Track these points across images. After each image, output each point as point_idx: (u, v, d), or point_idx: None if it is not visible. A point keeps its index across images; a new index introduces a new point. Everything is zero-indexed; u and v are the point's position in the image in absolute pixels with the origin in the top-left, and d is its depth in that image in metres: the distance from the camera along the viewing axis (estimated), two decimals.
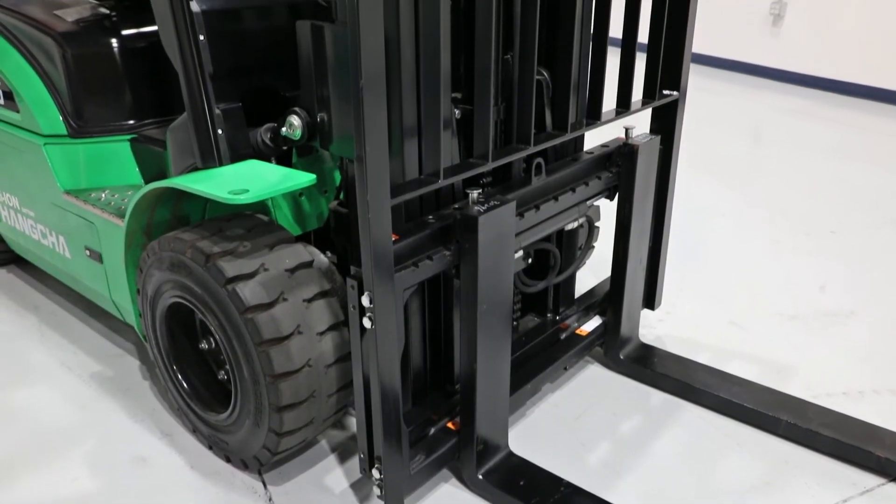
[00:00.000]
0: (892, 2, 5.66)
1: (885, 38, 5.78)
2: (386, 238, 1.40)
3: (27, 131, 2.28)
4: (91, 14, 2.27)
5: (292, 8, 1.96)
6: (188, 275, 1.70)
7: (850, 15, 5.97)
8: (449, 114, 1.60)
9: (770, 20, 6.67)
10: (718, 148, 4.82)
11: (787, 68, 6.61)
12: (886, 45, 5.78)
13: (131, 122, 2.21)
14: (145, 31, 2.21)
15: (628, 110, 2.02)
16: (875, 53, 5.87)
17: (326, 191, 2.10)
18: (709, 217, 3.63)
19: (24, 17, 2.27)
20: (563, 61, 1.84)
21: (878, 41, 5.83)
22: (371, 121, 1.30)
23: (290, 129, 1.72)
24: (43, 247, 2.46)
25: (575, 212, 2.02)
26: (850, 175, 4.29)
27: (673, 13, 2.07)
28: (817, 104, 5.95)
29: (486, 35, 1.55)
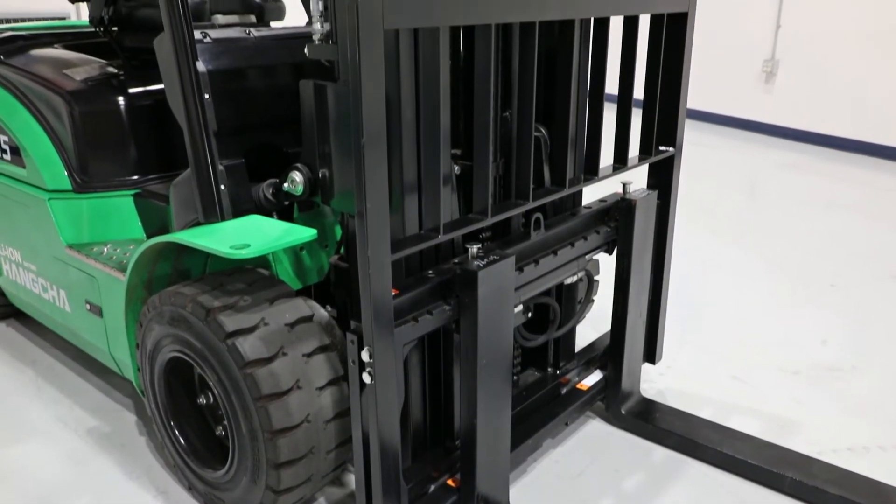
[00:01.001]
0: (882, 59, 5.80)
1: (875, 94, 5.90)
2: (386, 293, 1.41)
3: (33, 186, 2.30)
4: (99, 73, 2.33)
5: (295, 67, 2.01)
6: (188, 329, 1.70)
7: (840, 72, 6.10)
8: (449, 170, 1.63)
9: (763, 77, 6.81)
10: (715, 202, 4.87)
11: (781, 123, 6.73)
12: (877, 101, 5.89)
13: (135, 177, 2.24)
14: (151, 89, 2.26)
15: (625, 166, 2.05)
16: (866, 109, 5.98)
17: (327, 245, 2.11)
18: (708, 271, 3.64)
19: (35, 76, 2.32)
20: (560, 118, 1.88)
21: (868, 97, 5.95)
22: (372, 177, 1.32)
23: (292, 185, 1.74)
24: (43, 300, 2.46)
25: (574, 266, 2.03)
26: (846, 229, 4.32)
27: (667, 71, 2.12)
28: (811, 158, 6.04)
29: (485, 93, 1.58)
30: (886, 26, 5.72)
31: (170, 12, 1.71)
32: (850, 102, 6.08)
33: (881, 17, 5.75)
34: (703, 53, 6.75)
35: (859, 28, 5.90)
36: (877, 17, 5.78)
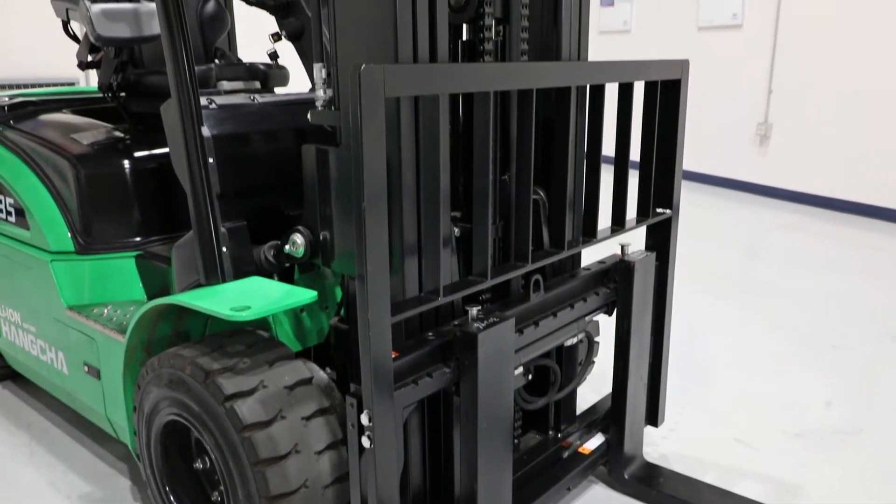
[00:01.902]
0: (875, 122, 5.91)
1: (869, 155, 5.99)
2: (386, 355, 1.40)
3: (35, 248, 2.32)
4: (106, 137, 2.37)
5: (298, 132, 2.06)
6: (186, 392, 1.69)
7: (834, 134, 6.22)
8: (448, 232, 1.64)
9: (757, 140, 6.93)
10: (714, 262, 4.89)
11: (776, 185, 6.82)
12: (871, 163, 5.98)
13: (138, 238, 2.26)
14: (156, 152, 2.30)
15: (623, 228, 2.08)
16: (860, 171, 6.06)
17: (327, 307, 2.12)
18: (708, 332, 3.63)
19: (42, 140, 2.37)
20: (558, 181, 1.91)
21: (862, 159, 6.04)
22: (373, 240, 1.33)
23: (294, 247, 1.76)
24: (41, 362, 2.45)
25: (574, 327, 2.03)
26: (845, 289, 4.32)
27: (662, 135, 2.16)
28: (807, 219, 6.09)
29: (485, 158, 1.61)
30: (878, 89, 5.85)
31: (177, 80, 1.76)
32: (845, 164, 6.17)
33: (872, 81, 5.89)
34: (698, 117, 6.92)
35: (851, 92, 6.04)
36: (868, 81, 5.92)
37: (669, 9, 7.70)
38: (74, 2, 2.08)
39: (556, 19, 1.91)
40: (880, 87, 5.82)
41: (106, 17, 2.05)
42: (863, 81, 5.94)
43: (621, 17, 8.41)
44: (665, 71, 2.06)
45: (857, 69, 5.96)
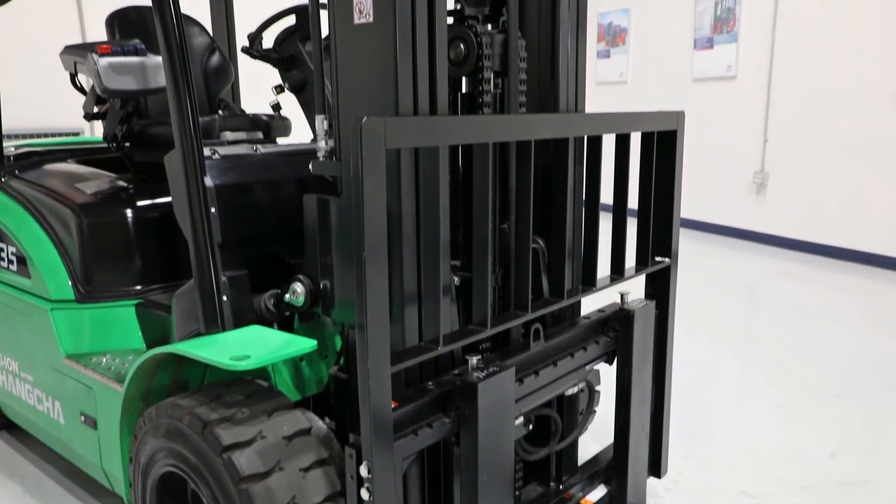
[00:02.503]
0: (870, 169, 5.97)
1: (865, 203, 6.03)
2: (385, 405, 1.40)
3: (36, 297, 2.33)
4: (109, 186, 2.40)
5: (300, 182, 2.08)
6: (184, 442, 1.67)
7: (830, 183, 6.27)
8: (448, 281, 1.65)
9: (754, 188, 6.99)
10: (714, 311, 4.88)
11: (774, 233, 6.85)
12: (867, 210, 6.02)
13: (138, 287, 2.27)
14: (159, 202, 2.32)
15: (622, 277, 2.08)
16: (857, 218, 6.10)
17: (327, 356, 2.11)
18: (710, 381, 3.61)
19: (46, 189, 2.40)
20: (557, 230, 1.92)
21: (858, 207, 6.08)
22: (373, 289, 1.34)
23: (294, 296, 1.76)
24: (37, 412, 2.43)
25: (574, 377, 2.02)
26: (847, 338, 4.31)
27: (659, 184, 2.19)
28: (806, 267, 6.10)
29: (484, 207, 1.63)
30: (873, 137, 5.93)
31: (181, 131, 1.79)
32: (842, 212, 6.21)
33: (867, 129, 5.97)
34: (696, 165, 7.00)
35: (846, 140, 6.12)
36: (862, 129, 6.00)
37: (664, 60, 7.85)
38: (83, 55, 2.12)
39: (554, 72, 1.95)
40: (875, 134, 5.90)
41: (113, 70, 2.10)
42: (857, 129, 6.02)
43: (618, 69, 8.57)
44: (661, 122, 2.10)
45: (850, 118, 6.05)
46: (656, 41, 7.97)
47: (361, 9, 1.54)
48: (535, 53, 1.97)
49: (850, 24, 5.95)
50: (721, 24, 7.12)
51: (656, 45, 7.97)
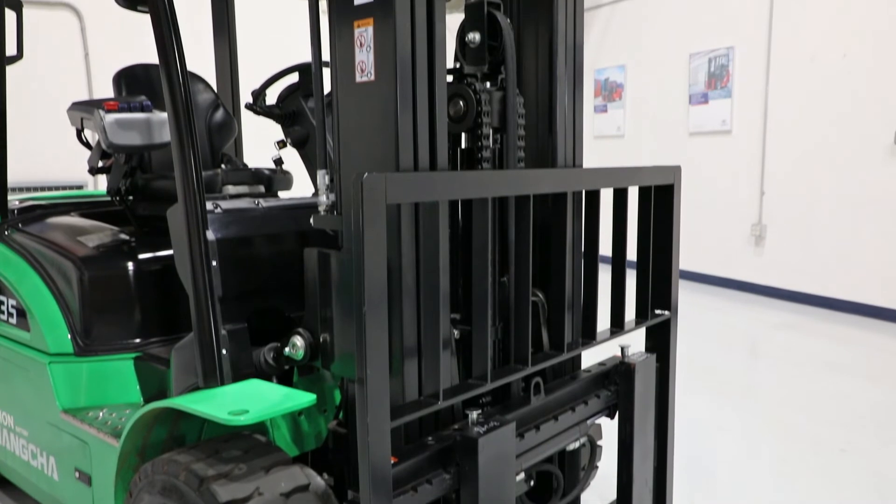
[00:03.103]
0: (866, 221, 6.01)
1: (864, 255, 6.06)
2: (385, 461, 1.38)
3: (34, 350, 2.32)
4: (111, 239, 2.41)
5: (301, 235, 2.10)
6: (180, 499, 1.64)
7: (828, 234, 6.31)
8: (448, 335, 1.65)
9: (752, 240, 7.03)
10: (715, 363, 4.85)
11: (774, 284, 6.85)
12: (866, 262, 6.04)
13: (137, 340, 2.26)
14: (160, 255, 2.33)
15: (622, 330, 2.08)
16: (856, 270, 6.12)
17: (326, 410, 2.09)
18: (713, 435, 3.57)
19: (48, 242, 2.41)
20: (556, 283, 1.93)
21: (857, 258, 6.10)
22: (372, 343, 1.34)
23: (293, 350, 1.76)
24: (31, 468, 2.39)
25: (576, 431, 2.00)
26: (850, 391, 4.27)
27: (657, 237, 2.20)
28: (806, 319, 6.08)
29: (483, 261, 1.64)
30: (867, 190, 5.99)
31: (185, 185, 1.81)
32: (839, 264, 6.23)
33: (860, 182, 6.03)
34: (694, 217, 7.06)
35: (841, 193, 6.18)
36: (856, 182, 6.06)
37: (660, 115, 7.98)
38: (90, 112, 2.16)
39: (551, 127, 1.99)
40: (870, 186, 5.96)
41: (119, 126, 2.13)
42: (852, 181, 6.09)
43: (615, 123, 8.71)
44: (658, 176, 2.13)
45: (845, 170, 6.13)
46: (652, 96, 8.12)
47: (363, 68, 1.58)
48: (533, 109, 2.02)
49: (842, 78, 6.07)
50: (715, 80, 7.27)
51: (652, 100, 8.12)
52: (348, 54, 1.61)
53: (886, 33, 5.71)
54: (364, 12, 1.58)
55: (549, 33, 1.98)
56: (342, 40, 1.62)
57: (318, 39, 1.73)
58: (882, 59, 5.77)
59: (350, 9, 1.60)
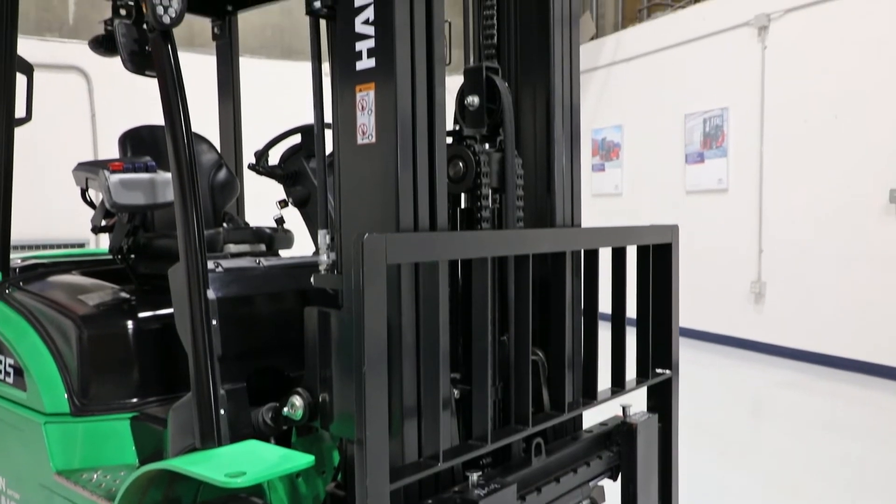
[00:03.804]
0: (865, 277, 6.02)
1: (862, 311, 6.05)
2: None
3: (30, 410, 2.29)
4: (111, 298, 2.42)
5: (301, 294, 2.11)
6: None
7: (827, 292, 6.31)
8: (448, 394, 1.64)
9: (752, 297, 7.03)
10: (718, 423, 4.79)
11: (774, 342, 6.82)
12: (867, 319, 6.03)
13: (135, 400, 2.24)
14: (160, 313, 2.33)
15: (623, 389, 2.07)
16: (857, 328, 6.10)
17: (324, 471, 2.06)
18: (718, 496, 3.50)
19: (48, 301, 2.41)
20: (556, 342, 1.93)
21: (857, 316, 6.09)
22: (372, 403, 1.33)
23: (292, 410, 1.75)
24: None
25: (578, 493, 1.96)
26: (856, 451, 4.21)
27: (656, 296, 2.21)
28: (808, 377, 6.04)
29: (483, 320, 1.65)
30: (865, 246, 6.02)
31: (187, 244, 1.83)
32: (839, 321, 6.22)
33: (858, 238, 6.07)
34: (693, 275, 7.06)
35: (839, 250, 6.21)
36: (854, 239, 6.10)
37: (657, 174, 8.09)
38: (95, 172, 2.20)
39: (550, 187, 2.02)
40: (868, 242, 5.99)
41: (123, 186, 2.16)
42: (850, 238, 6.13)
43: (612, 182, 8.81)
44: (655, 235, 2.15)
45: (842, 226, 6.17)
46: (649, 155, 8.24)
47: (364, 130, 1.62)
48: (531, 170, 2.05)
49: (834, 139, 6.18)
50: (710, 140, 7.39)
51: (649, 159, 8.24)
52: (350, 117, 1.65)
53: (875, 96, 5.84)
54: (365, 77, 1.62)
55: (547, 96, 2.03)
56: (344, 103, 1.66)
57: (320, 102, 1.77)
58: (872, 121, 5.88)
59: (352, 73, 1.64)
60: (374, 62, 1.59)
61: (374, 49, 1.60)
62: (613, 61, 8.69)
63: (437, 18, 1.68)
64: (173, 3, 1.80)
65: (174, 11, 1.80)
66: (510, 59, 2.09)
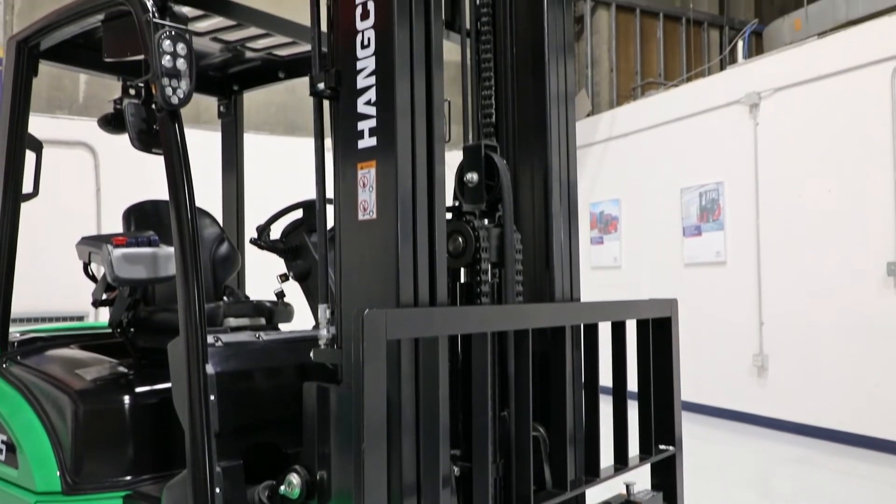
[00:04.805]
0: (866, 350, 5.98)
1: (868, 386, 5.98)
2: None
3: (21, 489, 2.25)
4: (108, 372, 2.40)
5: (300, 369, 2.10)
6: None
7: (829, 365, 6.26)
8: (448, 472, 1.61)
9: (755, 371, 6.96)
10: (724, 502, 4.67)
11: (779, 416, 6.71)
12: (872, 393, 5.95)
13: (128, 478, 2.20)
14: (157, 388, 2.31)
15: (626, 466, 2.03)
16: (862, 402, 6.01)
17: None
18: None
19: (45, 375, 2.40)
20: (557, 417, 1.91)
21: (862, 390, 6.02)
22: (371, 482, 1.31)
23: (289, 488, 1.71)
24: None
25: None
26: None
27: (657, 370, 2.20)
28: (814, 453, 5.91)
29: (483, 396, 1.63)
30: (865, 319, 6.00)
31: (187, 318, 1.83)
32: (842, 395, 6.14)
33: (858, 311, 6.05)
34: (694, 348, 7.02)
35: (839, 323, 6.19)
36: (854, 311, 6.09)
37: (656, 246, 8.14)
38: (98, 246, 2.22)
39: (548, 261, 2.04)
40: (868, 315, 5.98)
41: (125, 261, 2.18)
42: (850, 311, 6.11)
43: (611, 254, 8.86)
44: (654, 309, 2.15)
45: (842, 299, 6.17)
46: (647, 228, 8.31)
47: (365, 207, 1.65)
48: (530, 244, 2.07)
49: (829, 212, 6.25)
50: (707, 213, 7.47)
51: (647, 232, 8.31)
52: (351, 193, 1.68)
53: (868, 171, 5.94)
54: (367, 155, 1.66)
55: (544, 171, 2.07)
56: (346, 180, 1.70)
57: (322, 178, 1.81)
58: (866, 195, 5.96)
59: (354, 151, 1.69)
60: (376, 141, 1.64)
61: (375, 128, 1.64)
62: (610, 136, 8.88)
63: (436, 98, 1.73)
64: (182, 84, 1.86)
65: (183, 92, 1.86)
66: (508, 136, 2.14)
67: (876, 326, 5.93)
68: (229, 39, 2.65)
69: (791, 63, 6.69)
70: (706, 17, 10.46)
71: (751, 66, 7.20)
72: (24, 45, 2.48)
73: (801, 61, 6.59)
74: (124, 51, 2.04)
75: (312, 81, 1.77)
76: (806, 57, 6.56)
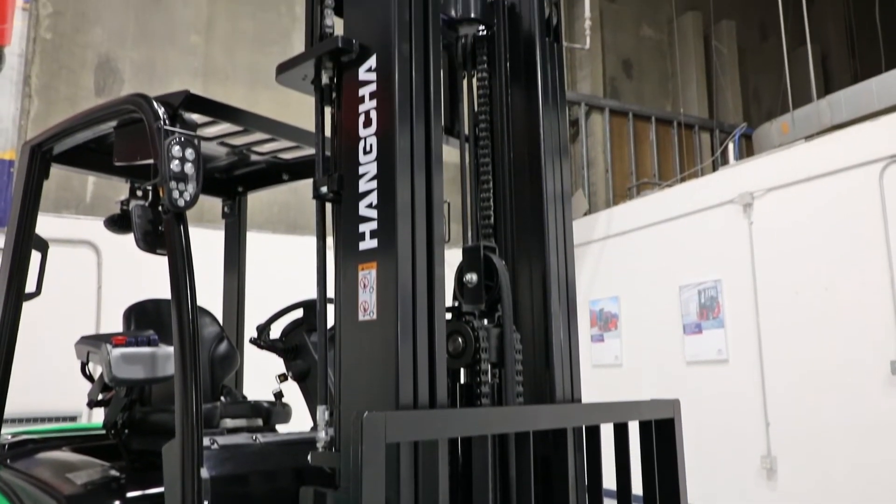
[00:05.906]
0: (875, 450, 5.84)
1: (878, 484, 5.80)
2: None
3: None
4: (100, 476, 2.34)
5: (297, 472, 2.05)
6: None
7: (838, 466, 6.09)
8: None
9: (764, 473, 6.77)
10: None
11: None
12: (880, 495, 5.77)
13: None
14: (150, 492, 2.25)
15: None
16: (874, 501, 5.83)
17: None
18: None
19: (34, 479, 2.33)
20: None
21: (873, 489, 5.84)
22: None
23: None
24: None
25: None
26: None
27: (662, 473, 2.14)
28: None
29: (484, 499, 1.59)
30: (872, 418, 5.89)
31: (184, 420, 1.81)
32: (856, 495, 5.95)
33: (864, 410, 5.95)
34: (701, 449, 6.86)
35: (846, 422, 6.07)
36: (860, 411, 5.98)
37: (656, 344, 8.09)
38: (97, 346, 2.21)
39: (549, 361, 2.03)
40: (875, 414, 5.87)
41: (124, 360, 2.17)
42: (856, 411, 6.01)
43: (612, 352, 8.79)
44: (657, 410, 2.12)
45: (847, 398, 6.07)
46: (647, 326, 8.28)
47: (366, 307, 1.66)
48: (529, 344, 2.07)
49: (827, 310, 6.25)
50: (706, 311, 7.47)
51: (647, 330, 8.27)
52: (352, 294, 1.70)
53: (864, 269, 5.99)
54: (367, 256, 1.69)
55: (543, 270, 2.09)
56: (346, 281, 1.72)
57: (323, 278, 1.83)
58: (864, 294, 5.98)
59: (355, 252, 1.71)
60: (377, 243, 1.67)
61: (376, 231, 1.68)
62: (607, 235, 8.99)
63: (436, 202, 1.78)
64: (188, 187, 1.92)
65: (189, 195, 1.91)
66: (506, 235, 2.18)
67: (885, 423, 5.82)
68: (236, 144, 2.74)
69: (782, 164, 6.89)
70: (696, 120, 10.83)
71: (743, 168, 7.40)
72: (38, 149, 2.56)
73: (791, 163, 6.78)
74: (134, 155, 2.11)
75: (316, 185, 1.82)
76: (796, 158, 6.76)
